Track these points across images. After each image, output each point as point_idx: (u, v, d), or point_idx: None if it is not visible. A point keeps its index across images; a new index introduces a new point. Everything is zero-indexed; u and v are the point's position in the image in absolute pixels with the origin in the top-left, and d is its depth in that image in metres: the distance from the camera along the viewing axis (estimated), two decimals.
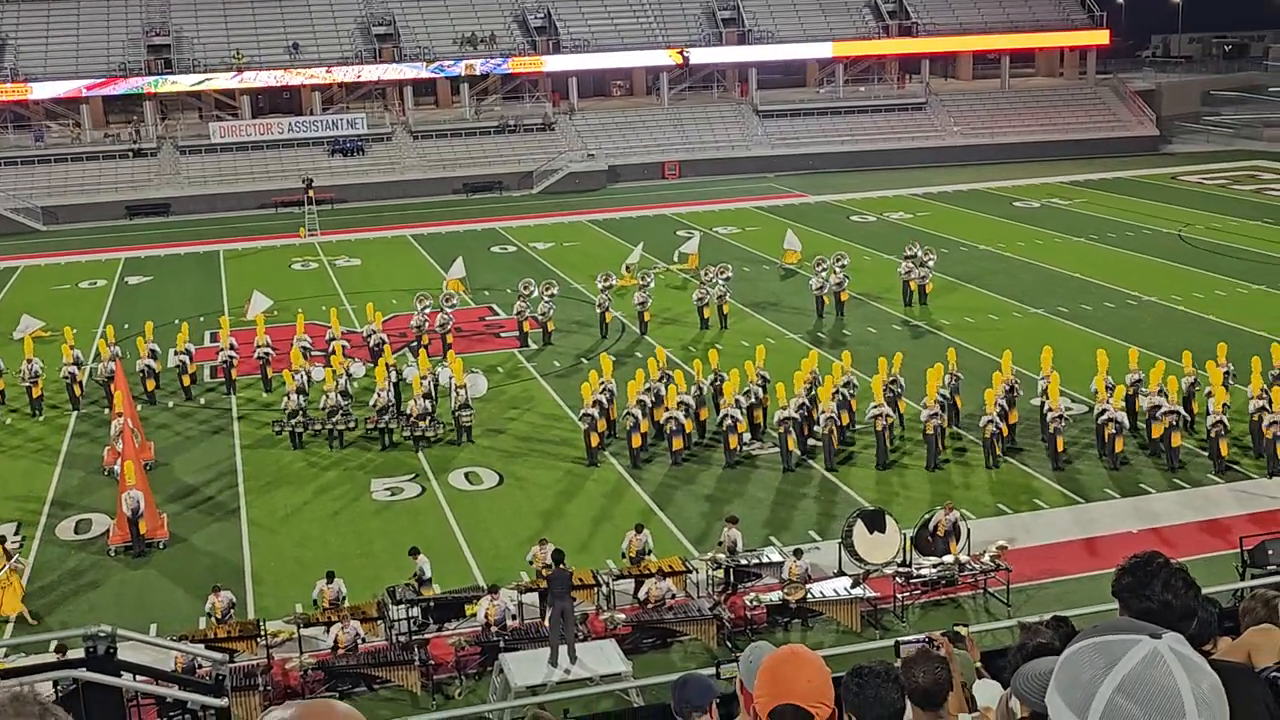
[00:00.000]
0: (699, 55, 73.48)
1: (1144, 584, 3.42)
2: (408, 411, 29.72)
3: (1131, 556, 3.55)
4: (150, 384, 33.40)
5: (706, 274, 40.15)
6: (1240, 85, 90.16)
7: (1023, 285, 41.78)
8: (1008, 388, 27.89)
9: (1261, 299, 39.18)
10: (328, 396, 29.75)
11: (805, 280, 41.19)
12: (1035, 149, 71.22)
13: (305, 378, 31.30)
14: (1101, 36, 78.60)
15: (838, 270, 39.27)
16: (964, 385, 29.14)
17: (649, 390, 28.38)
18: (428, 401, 29.75)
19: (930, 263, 40.78)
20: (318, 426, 29.81)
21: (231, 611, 20.57)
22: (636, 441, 27.44)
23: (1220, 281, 41.46)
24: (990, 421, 26.52)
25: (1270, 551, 20.07)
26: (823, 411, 27.37)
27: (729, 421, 27.36)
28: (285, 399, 30.25)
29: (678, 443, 27.27)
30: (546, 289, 38.78)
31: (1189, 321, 36.54)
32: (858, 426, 28.33)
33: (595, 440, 27.72)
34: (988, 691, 6.77)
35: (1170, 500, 24.93)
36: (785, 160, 70.13)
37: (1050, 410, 26.76)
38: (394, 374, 30.68)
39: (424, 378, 30.37)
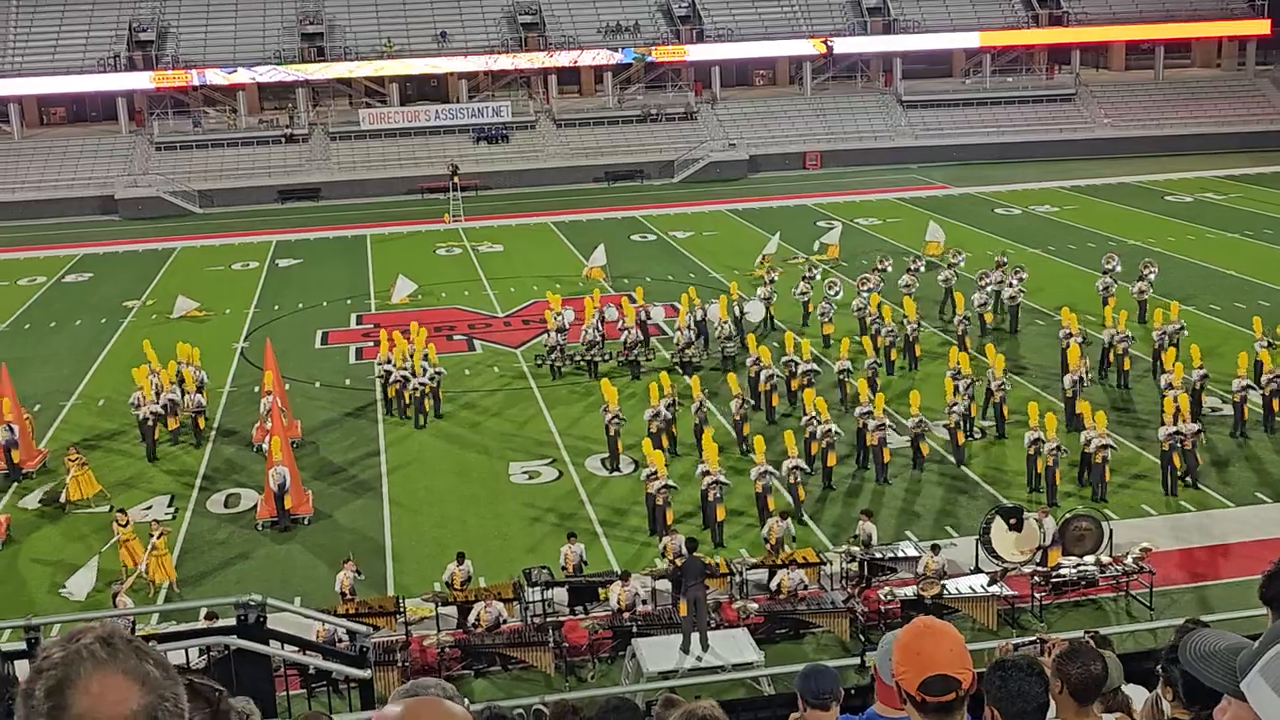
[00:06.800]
0: (843, 45, 72.76)
1: None
2: (676, 342, 33.72)
3: (1278, 560, 3.47)
4: (174, 421, 30.11)
5: (828, 282, 38.00)
6: None
7: (1174, 282, 40.60)
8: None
9: None
10: (586, 333, 33.56)
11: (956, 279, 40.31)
12: (1189, 142, 69.09)
13: (563, 319, 34.25)
14: (1262, 26, 75.81)
15: (1014, 283, 36.25)
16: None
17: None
18: (691, 333, 33.73)
19: (1150, 275, 36.77)
20: (577, 358, 33.50)
21: (356, 584, 21.07)
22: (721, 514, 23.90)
23: None
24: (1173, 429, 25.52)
25: None
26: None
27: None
28: (546, 335, 33.89)
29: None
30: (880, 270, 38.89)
31: None
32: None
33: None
34: (1132, 694, 6.68)
35: None
36: (929, 151, 69.15)
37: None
38: (698, 311, 34.58)
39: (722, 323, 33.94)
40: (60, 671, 2.18)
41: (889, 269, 39.21)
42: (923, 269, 39.18)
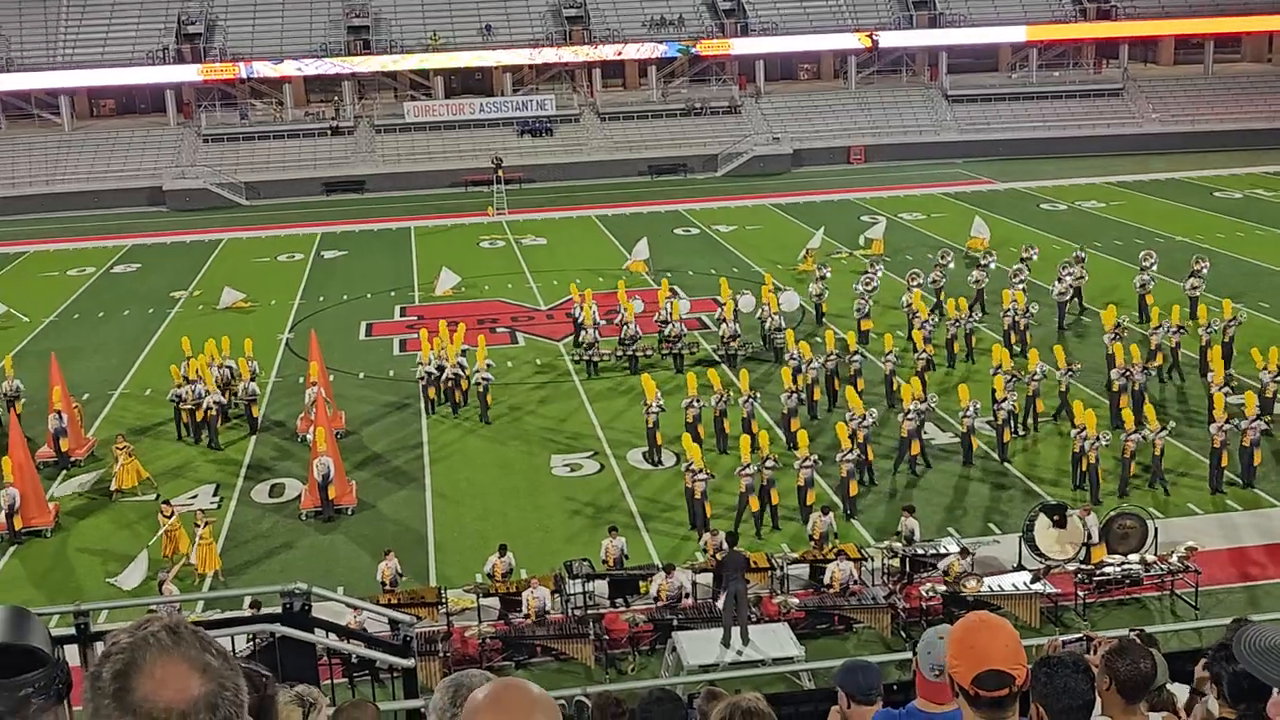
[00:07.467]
0: (888, 38, 72.38)
1: None
2: (721, 334, 33.93)
3: None
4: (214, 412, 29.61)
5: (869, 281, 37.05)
6: None
7: (1223, 279, 40.12)
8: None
9: None
10: (627, 327, 33.57)
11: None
12: (1239, 137, 68.31)
13: (595, 313, 34.42)
14: None
15: (1065, 278, 35.63)
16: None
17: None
18: (737, 326, 33.82)
19: (1203, 271, 35.84)
20: (618, 353, 33.48)
21: (398, 581, 21.24)
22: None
23: None
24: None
25: None
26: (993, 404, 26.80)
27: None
28: (583, 333, 34.10)
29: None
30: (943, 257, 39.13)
31: None
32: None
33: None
34: (1177, 692, 6.63)
35: None
36: (974, 146, 68.71)
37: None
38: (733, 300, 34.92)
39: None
40: (127, 656, 2.27)
41: (951, 264, 38.98)
42: (992, 265, 38.76)
